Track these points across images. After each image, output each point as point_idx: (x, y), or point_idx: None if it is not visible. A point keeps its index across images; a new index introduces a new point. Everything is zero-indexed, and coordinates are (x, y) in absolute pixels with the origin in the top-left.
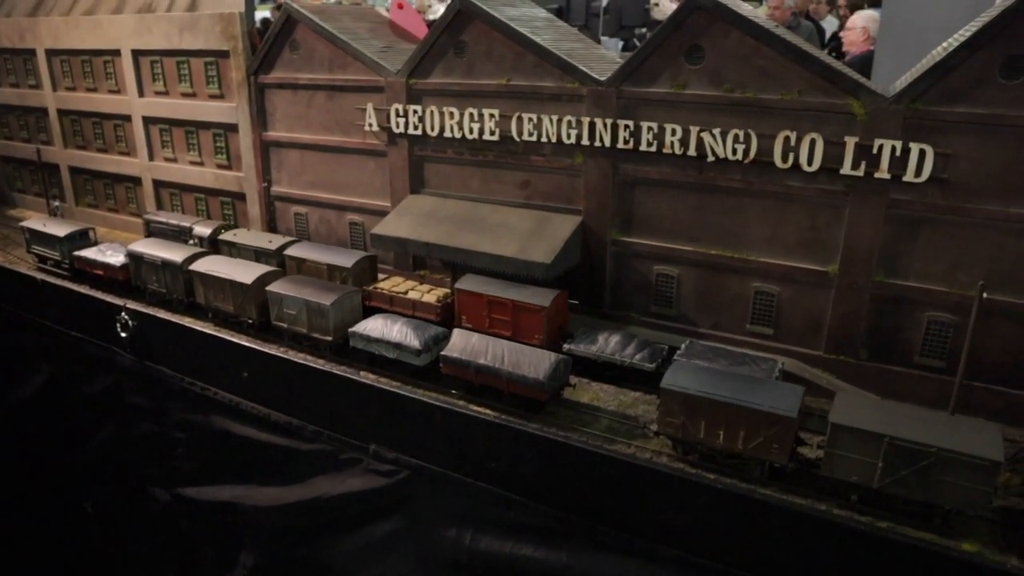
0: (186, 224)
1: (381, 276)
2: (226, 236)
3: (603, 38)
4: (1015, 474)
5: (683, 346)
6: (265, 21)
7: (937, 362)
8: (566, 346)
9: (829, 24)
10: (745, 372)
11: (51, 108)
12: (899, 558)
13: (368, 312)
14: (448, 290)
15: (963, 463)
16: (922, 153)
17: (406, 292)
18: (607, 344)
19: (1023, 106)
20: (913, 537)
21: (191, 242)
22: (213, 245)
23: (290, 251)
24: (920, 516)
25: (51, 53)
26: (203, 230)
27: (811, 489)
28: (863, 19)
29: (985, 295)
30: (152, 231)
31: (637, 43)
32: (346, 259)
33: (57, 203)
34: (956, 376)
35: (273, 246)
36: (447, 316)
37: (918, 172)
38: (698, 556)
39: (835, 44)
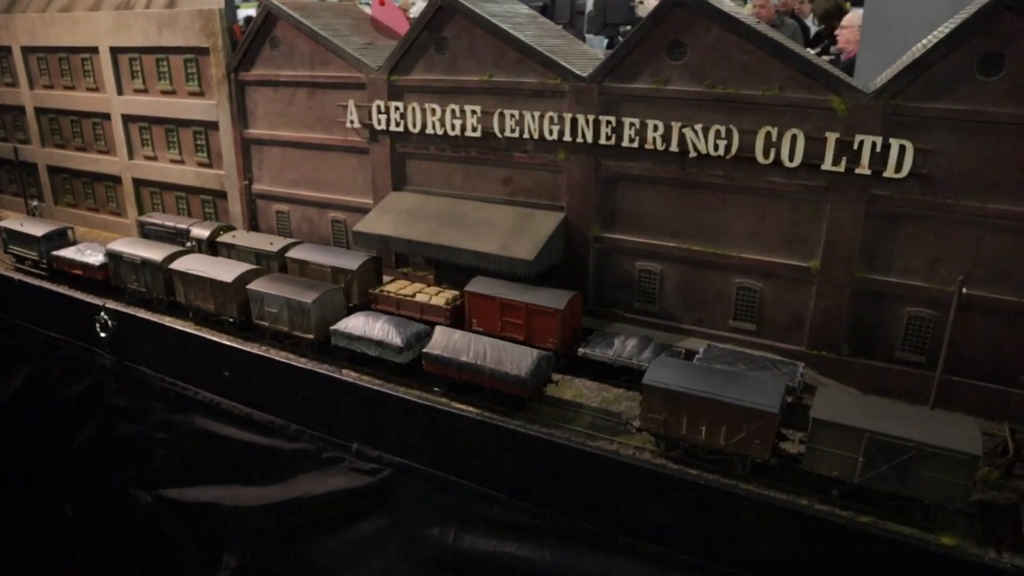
0: (183, 226)
1: (386, 279)
2: (225, 238)
3: (588, 36)
4: (993, 468)
5: (702, 349)
6: (248, 20)
7: (917, 357)
8: (581, 350)
9: (813, 24)
10: (766, 376)
11: (28, 106)
12: (880, 552)
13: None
14: (457, 292)
15: (942, 457)
16: (902, 149)
17: (413, 295)
18: (623, 348)
19: (1000, 102)
20: (894, 531)
21: (189, 244)
22: (212, 247)
23: (292, 253)
24: (900, 510)
25: (27, 51)
26: (201, 232)
27: (793, 484)
28: (859, 18)
29: (964, 290)
30: (147, 233)
31: (622, 40)
32: (350, 261)
33: (35, 203)
34: (936, 371)
35: (274, 248)
36: (457, 319)
37: (898, 168)
38: (681, 552)
39: (826, 44)
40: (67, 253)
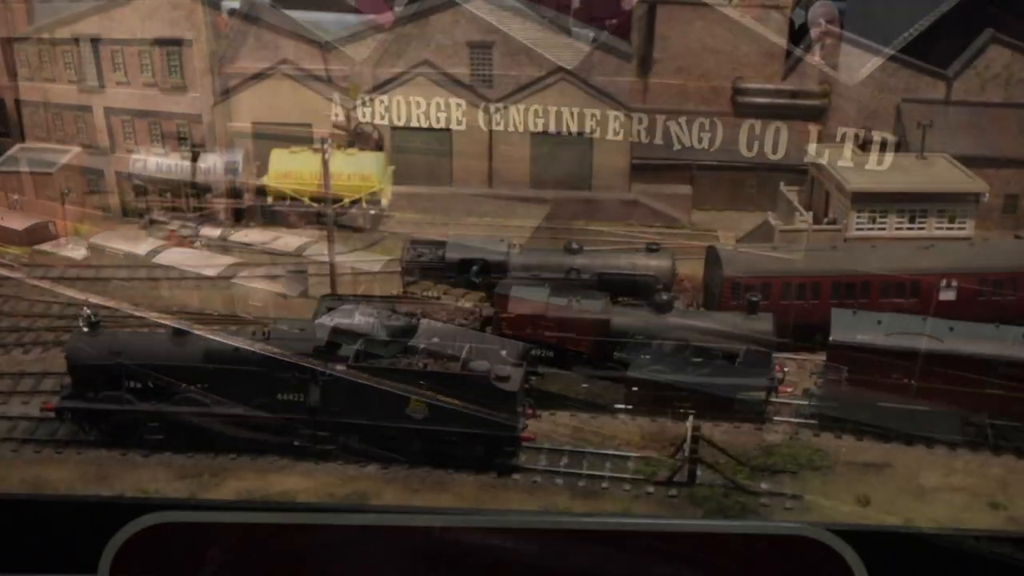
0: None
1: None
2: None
3: (573, 29)
4: None
5: (741, 353)
6: (232, 12)
7: None
8: (617, 354)
9: (798, 17)
10: None
11: (8, 99)
12: None
13: None
14: (483, 294)
15: None
16: (884, 141)
17: (438, 298)
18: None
19: (980, 92)
20: None
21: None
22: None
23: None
24: None
25: (6, 42)
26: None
27: None
28: (817, 16)
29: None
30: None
31: (607, 33)
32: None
33: (17, 196)
34: None
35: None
36: (485, 323)
37: (880, 160)
38: None
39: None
40: (49, 247)
